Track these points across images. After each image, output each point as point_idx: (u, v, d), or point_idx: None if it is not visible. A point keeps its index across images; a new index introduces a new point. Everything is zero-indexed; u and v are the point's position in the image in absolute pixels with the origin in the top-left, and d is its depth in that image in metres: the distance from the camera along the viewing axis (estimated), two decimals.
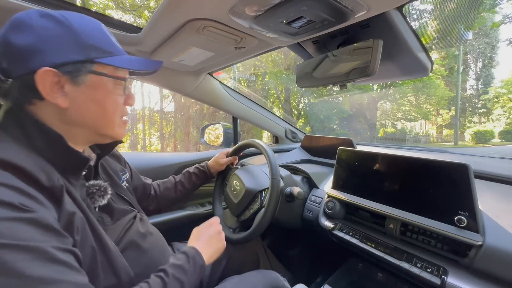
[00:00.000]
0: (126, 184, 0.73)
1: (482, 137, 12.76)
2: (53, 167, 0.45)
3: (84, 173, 0.57)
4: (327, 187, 0.96)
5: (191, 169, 1.08)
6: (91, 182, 0.56)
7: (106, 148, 0.64)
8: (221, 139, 1.55)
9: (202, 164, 1.09)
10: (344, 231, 0.84)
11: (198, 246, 0.64)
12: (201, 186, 1.09)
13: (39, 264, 0.35)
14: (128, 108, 0.60)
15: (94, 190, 0.55)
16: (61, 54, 0.44)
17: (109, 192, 0.58)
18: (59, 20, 0.45)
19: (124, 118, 0.57)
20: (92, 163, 0.60)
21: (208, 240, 0.69)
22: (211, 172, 1.08)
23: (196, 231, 0.73)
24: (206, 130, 1.60)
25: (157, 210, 0.97)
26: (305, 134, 1.56)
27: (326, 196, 0.95)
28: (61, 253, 0.38)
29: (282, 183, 0.92)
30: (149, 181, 0.95)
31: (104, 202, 0.57)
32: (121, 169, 0.75)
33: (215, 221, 0.78)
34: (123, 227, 0.60)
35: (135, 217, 0.66)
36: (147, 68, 0.55)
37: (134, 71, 0.56)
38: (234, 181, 1.01)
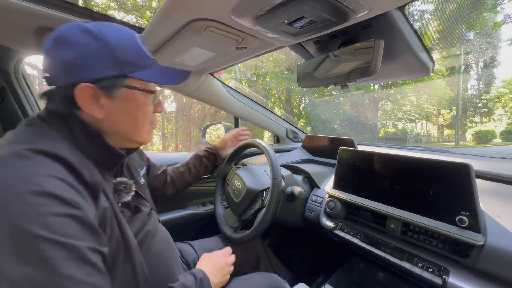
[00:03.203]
0: (143, 180, 0.76)
1: (483, 137, 12.70)
2: (92, 164, 0.48)
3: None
4: (328, 187, 0.96)
5: (201, 152, 1.12)
6: (118, 179, 0.59)
7: (131, 149, 0.66)
8: None
9: (210, 146, 1.14)
10: (345, 230, 0.84)
11: (206, 271, 0.65)
12: (213, 169, 1.17)
13: (73, 264, 0.36)
14: None
15: (122, 187, 0.58)
16: (98, 70, 0.47)
17: (133, 189, 0.61)
18: (96, 36, 0.47)
19: (153, 124, 0.61)
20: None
21: (217, 268, 0.69)
22: (219, 153, 1.13)
23: (206, 256, 0.73)
24: (208, 130, 1.60)
25: (175, 193, 1.03)
26: (306, 134, 1.56)
27: (327, 195, 0.95)
28: (93, 255, 0.39)
29: (283, 183, 0.93)
30: (163, 168, 1.00)
31: (128, 198, 0.59)
32: (139, 165, 0.78)
33: (228, 252, 0.78)
34: (140, 223, 0.63)
35: (148, 214, 0.68)
36: (176, 81, 0.58)
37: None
38: (236, 181, 1.02)
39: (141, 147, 0.78)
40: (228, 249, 0.80)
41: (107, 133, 0.53)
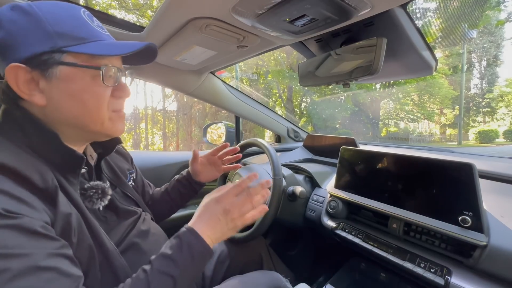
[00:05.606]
0: (133, 183, 0.72)
1: (486, 137, 12.64)
2: (48, 167, 0.44)
3: (85, 170, 0.56)
4: (329, 187, 0.95)
5: (179, 175, 0.90)
6: (89, 184, 0.53)
7: (107, 147, 0.62)
8: (223, 138, 1.55)
9: (183, 171, 0.91)
10: (346, 230, 0.84)
11: (199, 227, 0.51)
12: (189, 197, 0.90)
13: (24, 274, 0.33)
14: (131, 107, 0.57)
15: (91, 193, 0.52)
16: (28, 47, 0.41)
17: (109, 193, 0.55)
18: (25, 11, 0.42)
19: (118, 111, 0.52)
20: (93, 162, 0.59)
21: (215, 218, 0.53)
22: (194, 179, 0.88)
23: (203, 201, 0.57)
24: (208, 129, 1.60)
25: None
26: (308, 133, 1.56)
27: (328, 195, 0.95)
28: (52, 259, 0.36)
29: (284, 182, 0.92)
30: (150, 190, 0.88)
31: (104, 203, 0.54)
32: (128, 168, 0.74)
33: (234, 187, 0.57)
34: (127, 227, 0.59)
35: (139, 216, 0.64)
36: (125, 50, 0.47)
37: (128, 60, 0.53)
38: (237, 180, 1.01)
39: (132, 149, 0.73)
40: (235, 186, 0.57)
41: (59, 124, 0.47)
